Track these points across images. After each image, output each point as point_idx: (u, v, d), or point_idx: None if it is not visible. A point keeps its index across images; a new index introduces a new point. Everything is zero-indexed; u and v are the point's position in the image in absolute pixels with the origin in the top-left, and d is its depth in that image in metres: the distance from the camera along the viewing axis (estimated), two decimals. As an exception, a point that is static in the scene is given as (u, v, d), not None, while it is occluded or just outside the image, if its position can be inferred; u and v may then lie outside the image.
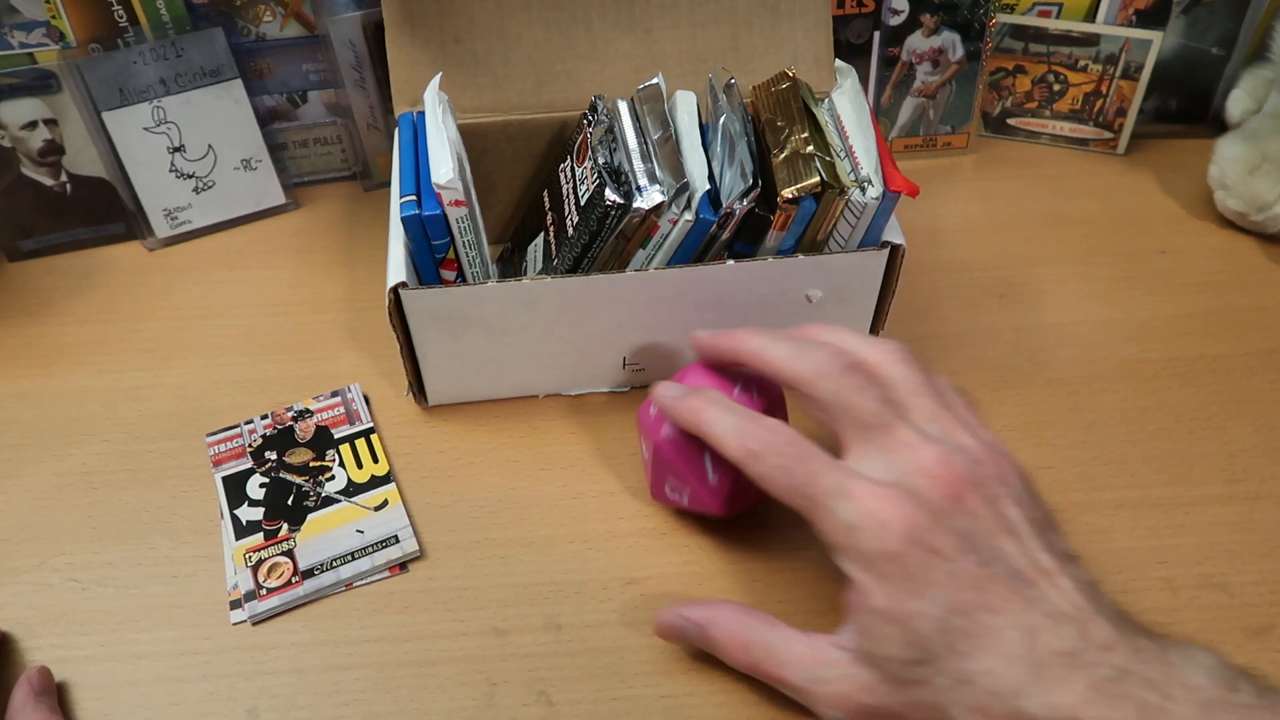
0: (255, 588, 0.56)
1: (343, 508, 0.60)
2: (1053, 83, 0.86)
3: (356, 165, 0.85)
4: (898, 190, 0.58)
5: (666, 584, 0.56)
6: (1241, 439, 0.64)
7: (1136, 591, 0.56)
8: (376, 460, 0.63)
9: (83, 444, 0.65)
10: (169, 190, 0.79)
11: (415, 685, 0.52)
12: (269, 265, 0.78)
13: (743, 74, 0.70)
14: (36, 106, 0.74)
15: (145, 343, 0.72)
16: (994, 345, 0.70)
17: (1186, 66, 0.85)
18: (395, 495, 0.61)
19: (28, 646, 0.54)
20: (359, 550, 0.58)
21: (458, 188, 0.57)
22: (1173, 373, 0.68)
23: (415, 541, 0.58)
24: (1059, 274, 0.76)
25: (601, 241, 0.59)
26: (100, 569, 0.58)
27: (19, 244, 0.79)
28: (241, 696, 0.52)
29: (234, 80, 0.77)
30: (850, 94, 0.63)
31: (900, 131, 0.88)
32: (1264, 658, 0.53)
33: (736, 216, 0.58)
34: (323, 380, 0.68)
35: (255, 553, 0.58)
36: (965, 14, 0.82)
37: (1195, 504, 0.60)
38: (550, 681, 0.52)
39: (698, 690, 0.52)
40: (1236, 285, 0.75)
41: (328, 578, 0.56)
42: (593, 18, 0.70)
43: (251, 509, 0.60)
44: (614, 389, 0.67)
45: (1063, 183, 0.85)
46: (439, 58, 0.69)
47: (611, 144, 0.61)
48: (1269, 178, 0.75)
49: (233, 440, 0.64)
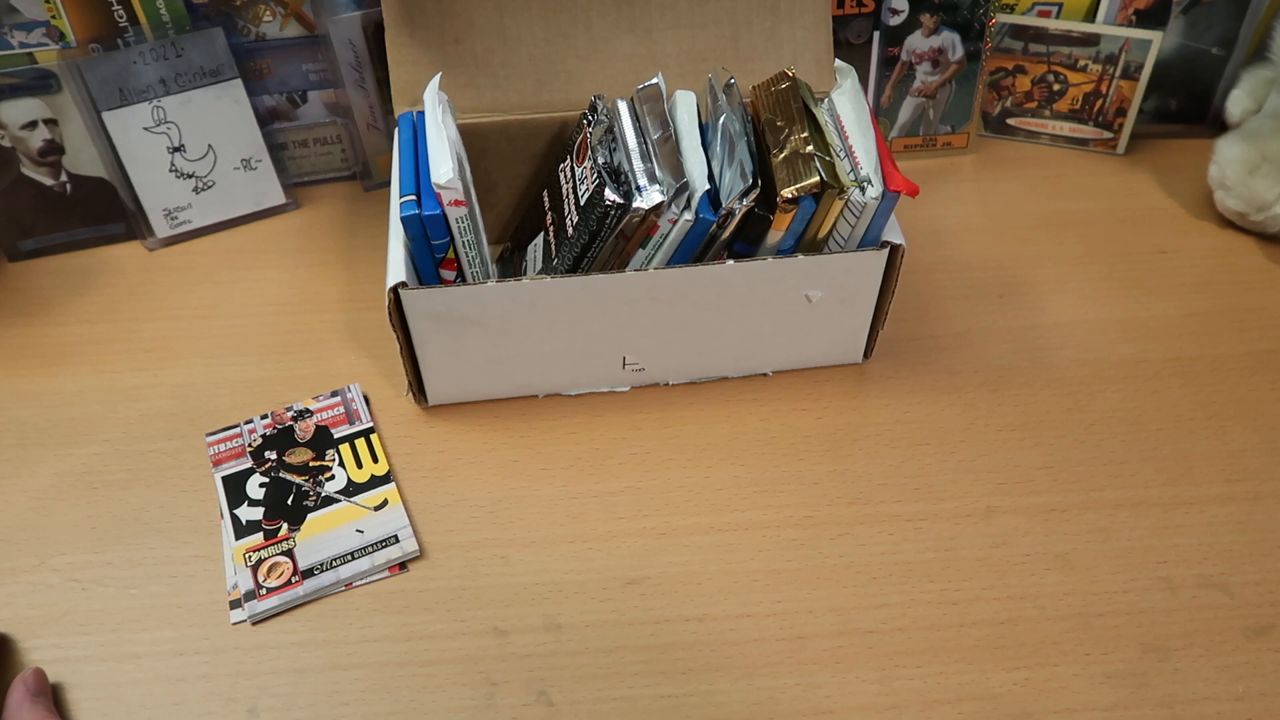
0: (255, 587, 0.56)
1: (343, 507, 0.60)
2: (1053, 83, 0.86)
3: (356, 165, 0.85)
4: (897, 190, 0.58)
5: (666, 584, 0.56)
6: (1241, 439, 0.64)
7: (1136, 591, 0.56)
8: (376, 460, 0.63)
9: (83, 444, 0.65)
10: (169, 190, 0.79)
11: (415, 685, 0.52)
12: (269, 265, 0.78)
13: (743, 74, 0.70)
14: (36, 106, 0.74)
15: (145, 343, 0.72)
16: (994, 345, 0.70)
17: (1186, 66, 0.85)
18: (395, 495, 0.61)
19: (27, 646, 0.54)
20: (359, 550, 0.58)
21: (457, 188, 0.57)
22: (1173, 373, 0.68)
23: (415, 541, 0.58)
24: (1059, 274, 0.76)
25: (601, 241, 0.59)
26: (100, 569, 0.58)
27: (19, 244, 0.78)
28: (241, 696, 0.52)
29: (234, 80, 0.77)
30: (850, 94, 0.63)
31: (900, 131, 0.88)
32: (1264, 658, 0.53)
33: (736, 216, 0.58)
34: (323, 380, 0.68)
35: (255, 552, 0.58)
36: (965, 14, 0.82)
37: (1195, 504, 0.60)
38: (550, 681, 0.52)
39: (698, 690, 0.52)
40: (1236, 285, 0.75)
41: (328, 577, 0.56)
42: (593, 18, 0.70)
43: (251, 509, 0.60)
44: (614, 389, 0.67)
45: (1062, 183, 0.85)
46: (439, 58, 0.69)
47: (611, 144, 0.61)
48: (1269, 178, 0.75)
49: (232, 440, 0.64)
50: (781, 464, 0.63)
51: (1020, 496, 0.60)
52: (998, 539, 0.58)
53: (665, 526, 0.59)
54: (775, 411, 0.66)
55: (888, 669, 0.53)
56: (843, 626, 0.54)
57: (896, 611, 0.55)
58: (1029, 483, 0.61)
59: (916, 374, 0.68)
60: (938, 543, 0.58)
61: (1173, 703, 0.51)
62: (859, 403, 0.67)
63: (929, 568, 0.57)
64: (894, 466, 0.62)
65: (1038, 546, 0.58)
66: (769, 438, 0.64)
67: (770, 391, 0.67)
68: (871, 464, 0.63)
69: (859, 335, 0.67)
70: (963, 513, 0.60)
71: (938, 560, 0.57)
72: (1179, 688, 0.52)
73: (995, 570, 0.57)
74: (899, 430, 0.65)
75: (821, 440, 0.64)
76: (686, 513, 0.60)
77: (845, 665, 0.53)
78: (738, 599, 0.56)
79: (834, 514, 0.60)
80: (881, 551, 0.58)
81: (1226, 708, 0.51)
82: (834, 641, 0.54)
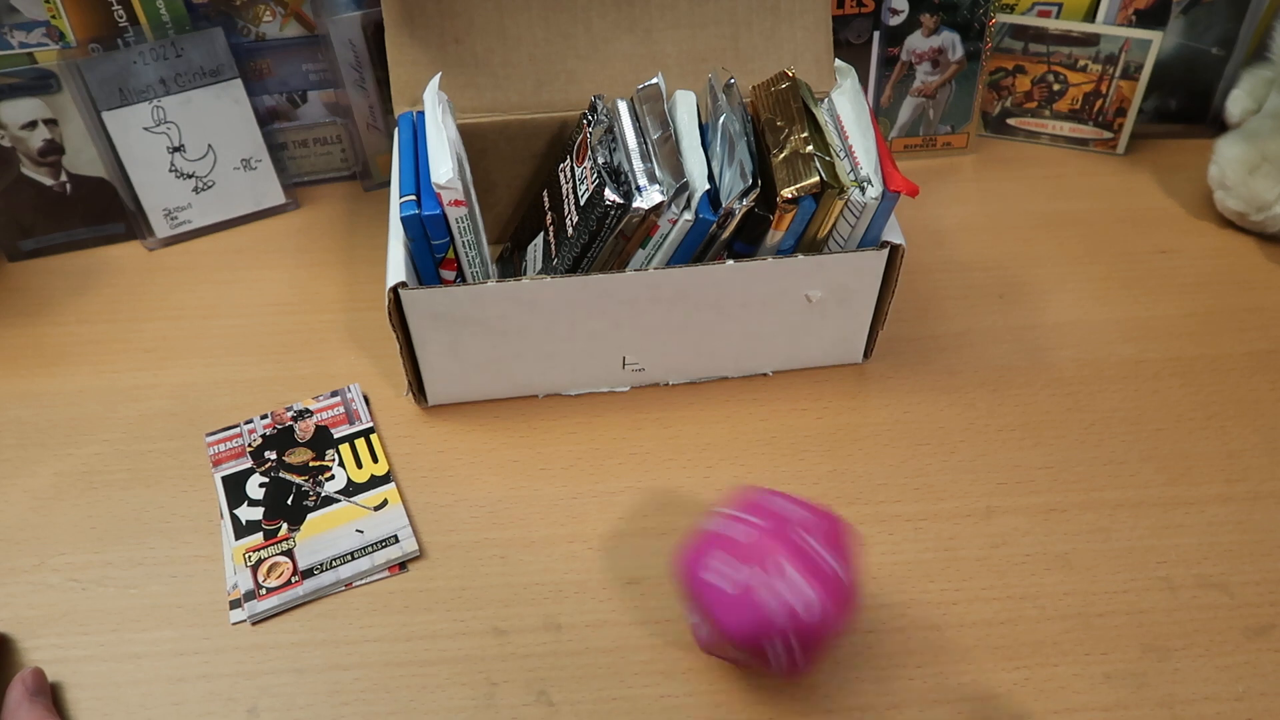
0: (255, 587, 0.56)
1: (342, 507, 0.60)
2: (1052, 83, 0.86)
3: (356, 165, 0.85)
4: (897, 190, 0.58)
5: (666, 584, 0.56)
6: (1241, 439, 0.64)
7: (1136, 591, 0.56)
8: (376, 460, 0.63)
9: (83, 444, 0.65)
10: (169, 190, 0.79)
11: (415, 685, 0.52)
12: (269, 265, 0.78)
13: (743, 74, 0.70)
14: (36, 106, 0.74)
15: (145, 343, 0.72)
16: (994, 345, 0.70)
17: (1186, 66, 0.85)
18: (395, 495, 0.60)
19: (27, 646, 0.54)
20: (359, 550, 0.58)
21: (457, 188, 0.57)
22: (1173, 373, 0.68)
23: (415, 541, 0.58)
24: (1059, 274, 0.76)
25: (601, 241, 0.59)
26: (100, 569, 0.58)
27: (19, 244, 0.78)
28: (241, 696, 0.52)
29: (234, 80, 0.77)
30: (850, 94, 0.63)
31: (900, 131, 0.88)
32: (1264, 658, 0.53)
33: (736, 216, 0.58)
34: (323, 380, 0.68)
35: (255, 552, 0.58)
36: (965, 14, 0.82)
37: (1195, 504, 0.60)
38: (550, 681, 0.52)
39: (698, 690, 0.52)
40: (1236, 285, 0.75)
41: (327, 577, 0.56)
42: (593, 18, 0.70)
43: (251, 509, 0.60)
44: (614, 389, 0.67)
45: (1062, 183, 0.85)
46: (439, 58, 0.69)
47: (611, 144, 0.61)
48: (1269, 178, 0.75)
49: (232, 440, 0.64)
50: (781, 464, 0.63)
51: (1020, 496, 0.60)
52: (998, 539, 0.58)
53: (665, 526, 0.59)
54: (775, 411, 0.66)
55: (888, 669, 0.53)
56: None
57: (896, 611, 0.55)
58: (1029, 483, 0.61)
59: (916, 374, 0.68)
60: (938, 543, 0.58)
61: (1173, 703, 0.51)
62: (859, 403, 0.67)
63: (929, 568, 0.57)
64: (894, 466, 0.62)
65: (1038, 546, 0.58)
66: (769, 438, 0.64)
67: (770, 391, 0.67)
68: (871, 464, 0.63)
69: (859, 335, 0.67)
70: (963, 513, 0.60)
71: (938, 560, 0.57)
72: (1179, 688, 0.52)
73: (995, 570, 0.57)
74: (899, 430, 0.65)
75: (821, 440, 0.64)
76: (686, 513, 0.60)
77: (845, 665, 0.53)
78: (738, 599, 0.56)
79: (834, 514, 0.60)
80: (881, 551, 0.58)
81: (1226, 708, 0.51)
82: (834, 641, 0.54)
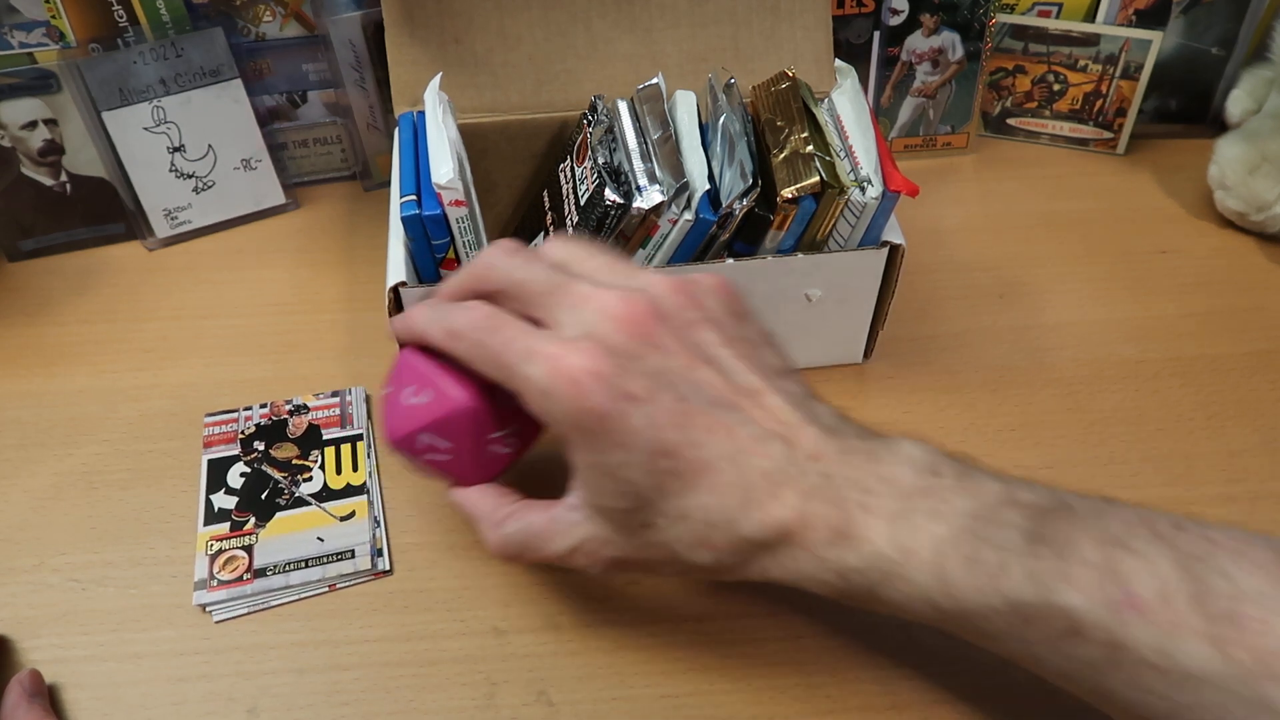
0: (208, 576, 0.56)
1: (311, 511, 0.60)
2: (1052, 83, 0.86)
3: (356, 165, 0.85)
4: (897, 190, 0.58)
5: (667, 584, 0.56)
6: (1241, 439, 0.64)
7: (1136, 591, 0.55)
8: (356, 469, 0.62)
9: (83, 444, 0.65)
10: (169, 190, 0.79)
11: (415, 685, 0.52)
12: (269, 265, 0.78)
13: (743, 74, 0.70)
14: (36, 106, 0.74)
15: (145, 343, 0.72)
16: (994, 345, 0.70)
17: (1186, 66, 0.85)
18: (364, 509, 0.60)
19: (27, 646, 0.54)
20: (314, 558, 0.57)
21: (458, 188, 0.57)
22: (1173, 373, 0.68)
23: (370, 559, 0.57)
24: (1059, 274, 0.76)
25: (601, 241, 0.59)
26: (100, 569, 0.58)
27: (19, 244, 0.79)
28: (241, 696, 0.52)
29: (234, 80, 0.77)
30: (850, 94, 0.63)
31: (900, 131, 0.88)
32: (1264, 658, 0.53)
33: (736, 216, 0.58)
34: (323, 380, 0.68)
35: (218, 542, 0.58)
36: (965, 14, 0.82)
37: (1195, 504, 0.60)
38: (550, 681, 0.52)
39: (698, 690, 0.52)
40: (1236, 285, 0.75)
41: (277, 580, 0.56)
42: (592, 18, 0.70)
43: (227, 496, 0.60)
44: (614, 389, 0.67)
45: (1062, 183, 0.85)
46: (439, 58, 0.69)
47: (611, 144, 0.61)
48: (1269, 178, 0.75)
49: (228, 424, 0.64)
50: (781, 464, 0.63)
51: (1020, 496, 0.60)
52: (998, 539, 0.58)
53: (665, 526, 0.59)
54: (775, 411, 0.66)
55: (887, 669, 0.53)
56: (843, 626, 0.54)
57: (896, 611, 0.55)
58: (1029, 483, 0.61)
59: (916, 374, 0.68)
60: (938, 543, 0.58)
61: (1173, 703, 0.51)
62: (859, 403, 0.67)
63: (929, 568, 0.57)
64: (894, 466, 0.62)
65: (1038, 546, 0.58)
66: (769, 438, 0.64)
67: (770, 391, 0.67)
68: (871, 464, 0.63)
69: (859, 335, 0.67)
70: (963, 513, 0.60)
71: (938, 560, 0.57)
72: (1179, 688, 0.52)
73: (995, 570, 0.57)
74: (899, 430, 0.64)
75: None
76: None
77: (845, 665, 0.53)
78: (739, 598, 0.56)
79: (834, 514, 0.60)
80: (881, 551, 0.58)
81: (1226, 708, 0.51)
82: (834, 641, 0.54)
